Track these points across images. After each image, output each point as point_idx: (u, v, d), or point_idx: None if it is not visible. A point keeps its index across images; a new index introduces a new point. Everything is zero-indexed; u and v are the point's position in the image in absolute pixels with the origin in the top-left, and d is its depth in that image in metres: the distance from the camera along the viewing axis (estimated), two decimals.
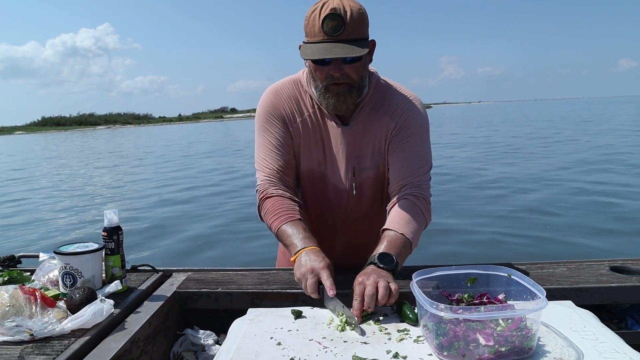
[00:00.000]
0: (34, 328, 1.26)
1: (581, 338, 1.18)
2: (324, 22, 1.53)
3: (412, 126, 1.75)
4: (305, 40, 1.61)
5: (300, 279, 1.49)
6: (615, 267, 1.74)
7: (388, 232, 1.62)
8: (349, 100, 1.64)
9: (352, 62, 1.59)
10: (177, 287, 1.70)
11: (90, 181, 15.42)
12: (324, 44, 1.54)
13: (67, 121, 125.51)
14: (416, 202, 1.69)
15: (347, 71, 1.59)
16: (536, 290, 1.16)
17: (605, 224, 6.62)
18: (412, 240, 1.61)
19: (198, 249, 6.63)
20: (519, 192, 9.24)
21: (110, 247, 1.60)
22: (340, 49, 1.52)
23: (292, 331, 1.30)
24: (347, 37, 1.54)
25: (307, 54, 1.57)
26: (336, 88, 1.62)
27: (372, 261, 1.51)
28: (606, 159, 13.13)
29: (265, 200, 1.74)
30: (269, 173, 1.75)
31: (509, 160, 14.26)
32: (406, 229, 1.61)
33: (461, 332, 1.09)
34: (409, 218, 1.64)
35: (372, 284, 1.37)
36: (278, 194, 1.72)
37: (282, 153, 1.76)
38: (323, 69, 1.60)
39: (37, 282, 1.63)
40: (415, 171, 1.73)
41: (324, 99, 1.65)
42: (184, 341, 1.63)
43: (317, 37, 1.55)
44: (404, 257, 1.59)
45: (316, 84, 1.66)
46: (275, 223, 1.67)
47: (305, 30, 1.60)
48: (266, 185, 1.75)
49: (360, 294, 1.37)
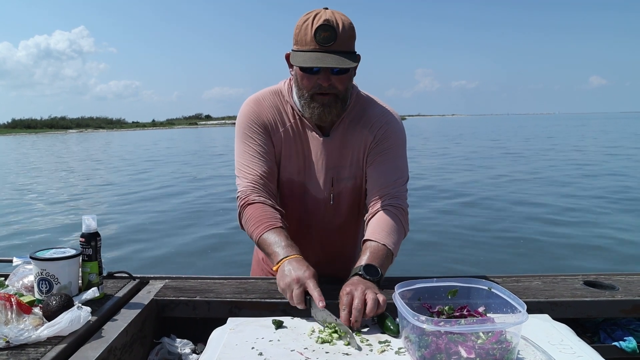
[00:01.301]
0: (9, 335, 1.23)
1: (559, 352, 1.20)
2: (316, 32, 1.55)
3: (390, 139, 1.78)
4: (294, 49, 1.63)
5: (285, 290, 1.48)
6: (588, 282, 1.77)
7: (370, 242, 1.62)
8: (333, 111, 1.66)
9: (339, 74, 1.61)
10: (154, 295, 1.68)
11: (61, 185, 15.17)
12: (315, 53, 1.56)
13: (38, 124, 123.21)
14: (396, 212, 1.70)
15: (334, 82, 1.61)
16: (516, 304, 1.18)
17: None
18: (393, 250, 1.62)
19: (174, 256, 6.56)
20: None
21: (88, 254, 1.57)
22: (332, 59, 1.55)
23: (274, 341, 1.29)
24: (338, 49, 1.57)
25: (299, 61, 1.59)
26: (322, 98, 1.63)
27: (357, 272, 1.51)
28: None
29: (246, 207, 1.72)
30: (251, 179, 1.75)
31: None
32: (388, 240, 1.62)
33: (443, 345, 1.10)
34: (389, 229, 1.65)
35: (360, 295, 1.37)
36: (260, 201, 1.71)
37: (265, 160, 1.76)
38: (311, 78, 1.62)
39: (11, 288, 1.59)
40: (392, 182, 1.75)
41: (309, 108, 1.67)
42: (161, 350, 1.60)
43: (309, 46, 1.57)
44: (386, 268, 1.60)
45: (301, 92, 1.67)
46: (257, 231, 1.66)
47: (296, 38, 1.61)
48: (248, 192, 1.74)
49: (349, 304, 1.37)
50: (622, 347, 1.61)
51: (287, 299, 1.48)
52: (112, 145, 44.38)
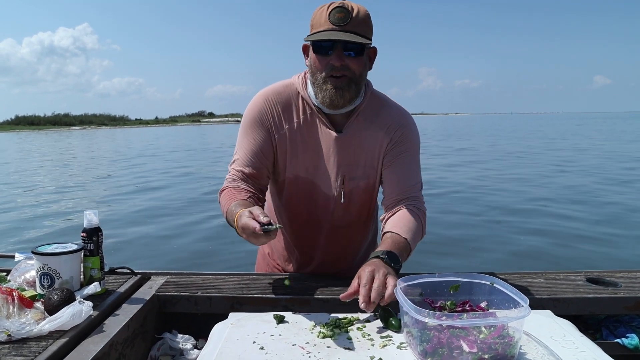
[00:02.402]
0: (11, 329, 1.23)
1: (561, 347, 1.20)
2: (330, 13, 1.58)
3: (408, 142, 1.78)
4: (310, 33, 1.64)
5: (248, 238, 1.45)
6: (591, 279, 1.77)
7: (391, 234, 1.62)
8: (346, 94, 1.65)
9: (353, 56, 1.62)
10: (155, 290, 1.68)
11: (63, 180, 15.19)
12: (329, 32, 1.58)
13: (42, 120, 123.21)
14: (417, 212, 1.71)
15: (347, 62, 1.61)
16: (519, 298, 1.18)
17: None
18: (412, 246, 1.63)
19: (175, 252, 6.56)
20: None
21: (90, 249, 1.58)
22: (344, 35, 1.57)
23: (275, 336, 1.29)
24: (352, 29, 1.58)
25: (312, 38, 1.61)
26: (335, 81, 1.63)
27: (379, 255, 1.49)
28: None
29: (222, 192, 1.75)
30: (234, 174, 1.76)
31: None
32: (409, 235, 1.62)
33: (445, 339, 1.10)
34: (411, 226, 1.66)
35: (381, 277, 1.37)
36: (232, 186, 1.73)
37: (254, 160, 1.76)
38: (324, 59, 1.63)
39: (13, 283, 1.59)
40: (412, 186, 1.76)
41: (322, 91, 1.66)
42: (162, 345, 1.60)
43: (323, 26, 1.60)
44: (404, 260, 1.59)
45: (315, 77, 1.67)
46: (226, 206, 1.65)
47: (312, 23, 1.64)
48: (227, 182, 1.76)
49: (369, 282, 1.36)
50: (624, 344, 1.60)
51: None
52: (116, 141, 44.46)
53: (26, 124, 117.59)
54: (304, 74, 1.79)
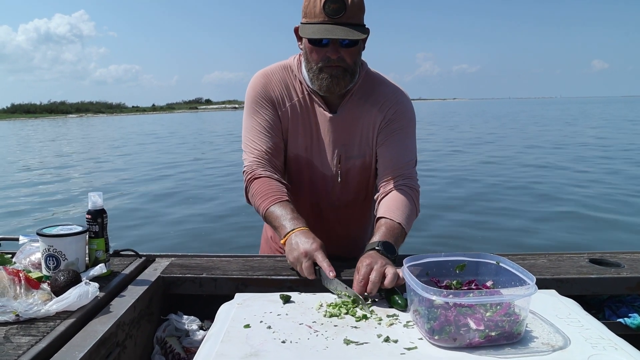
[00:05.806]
0: (19, 309, 1.23)
1: (567, 325, 1.21)
2: (325, 4, 1.54)
3: (401, 119, 1.78)
4: (303, 21, 1.62)
5: (294, 263, 1.50)
6: (594, 259, 1.78)
7: (385, 220, 1.63)
8: (342, 83, 1.65)
9: (349, 46, 1.60)
10: (160, 272, 1.68)
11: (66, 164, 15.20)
12: (324, 25, 1.56)
13: (38, 109, 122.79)
14: (409, 192, 1.71)
15: (343, 54, 1.61)
16: (525, 276, 1.18)
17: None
18: (406, 229, 1.63)
19: (179, 236, 6.57)
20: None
21: (95, 230, 1.57)
22: (340, 31, 1.55)
23: (282, 315, 1.29)
24: (347, 21, 1.56)
25: (307, 33, 1.59)
26: (331, 70, 1.63)
27: (374, 247, 1.51)
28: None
29: (252, 181, 1.74)
30: (257, 155, 1.75)
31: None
32: (402, 219, 1.63)
33: (452, 317, 1.10)
34: (404, 207, 1.66)
35: (379, 268, 1.38)
36: (266, 175, 1.72)
37: (272, 135, 1.76)
38: (320, 51, 1.62)
39: (19, 265, 1.59)
40: (405, 163, 1.76)
41: (317, 79, 1.66)
42: (168, 326, 1.61)
43: (318, 18, 1.57)
44: (399, 246, 1.61)
45: (310, 65, 1.67)
46: (264, 205, 1.67)
47: (305, 11, 1.61)
48: (254, 167, 1.75)
49: (366, 275, 1.38)
50: (626, 323, 1.61)
51: (297, 271, 1.51)
52: (114, 128, 44.31)
53: (22, 112, 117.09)
54: (299, 56, 1.79)
